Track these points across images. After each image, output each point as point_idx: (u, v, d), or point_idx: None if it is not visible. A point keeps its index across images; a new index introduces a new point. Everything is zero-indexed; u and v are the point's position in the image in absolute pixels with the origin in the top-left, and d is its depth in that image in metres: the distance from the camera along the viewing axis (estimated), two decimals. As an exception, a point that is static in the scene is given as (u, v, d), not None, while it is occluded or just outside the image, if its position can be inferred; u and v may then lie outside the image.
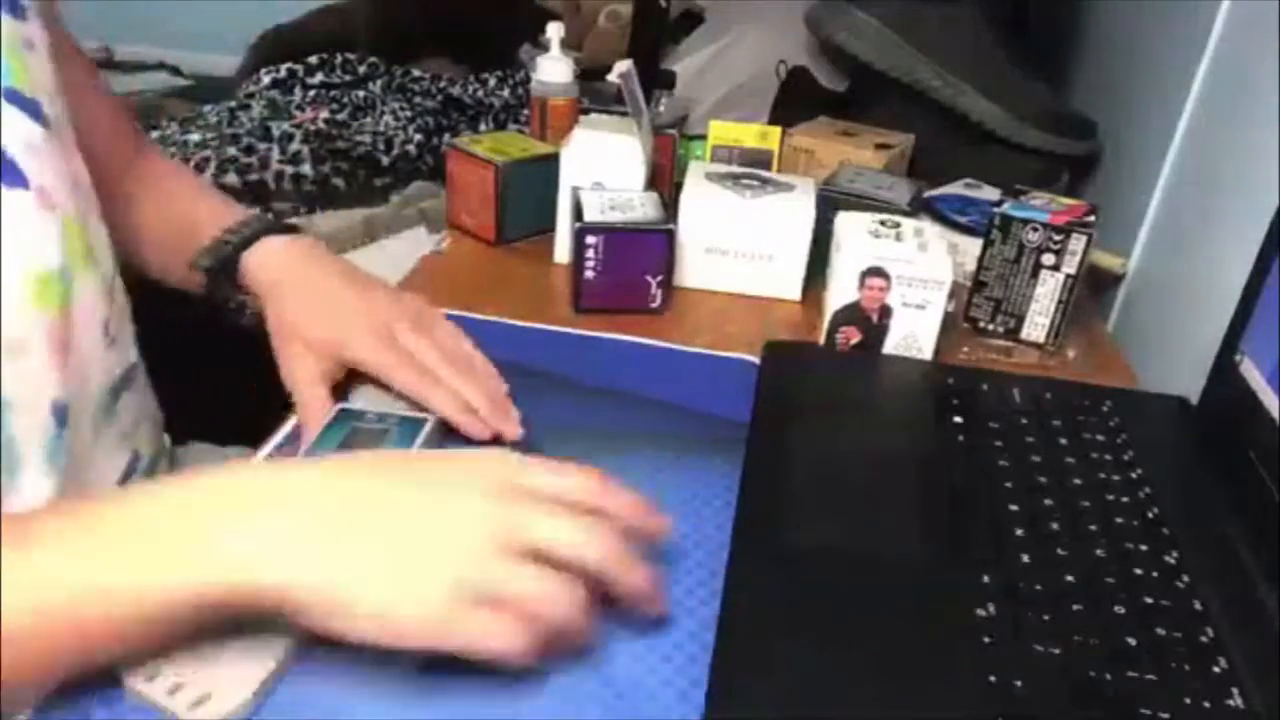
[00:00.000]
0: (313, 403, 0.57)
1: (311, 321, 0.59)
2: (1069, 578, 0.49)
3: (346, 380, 0.60)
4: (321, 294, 0.60)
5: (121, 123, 0.69)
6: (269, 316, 0.60)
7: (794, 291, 0.81)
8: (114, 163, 0.62)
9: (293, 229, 0.65)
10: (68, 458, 0.51)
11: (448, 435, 0.57)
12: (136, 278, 0.61)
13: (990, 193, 0.90)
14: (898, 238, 0.71)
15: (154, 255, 0.65)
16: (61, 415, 0.50)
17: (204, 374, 0.62)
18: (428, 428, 0.55)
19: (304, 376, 0.58)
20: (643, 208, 0.76)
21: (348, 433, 0.54)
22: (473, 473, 0.44)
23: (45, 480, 0.50)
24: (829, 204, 0.78)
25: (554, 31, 0.92)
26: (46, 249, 0.49)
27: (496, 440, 0.57)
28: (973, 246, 0.79)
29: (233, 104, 1.38)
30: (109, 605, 0.38)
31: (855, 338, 0.71)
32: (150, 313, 0.64)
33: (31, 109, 0.50)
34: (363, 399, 0.58)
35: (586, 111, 0.91)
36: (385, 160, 1.28)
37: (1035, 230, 0.73)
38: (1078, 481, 0.57)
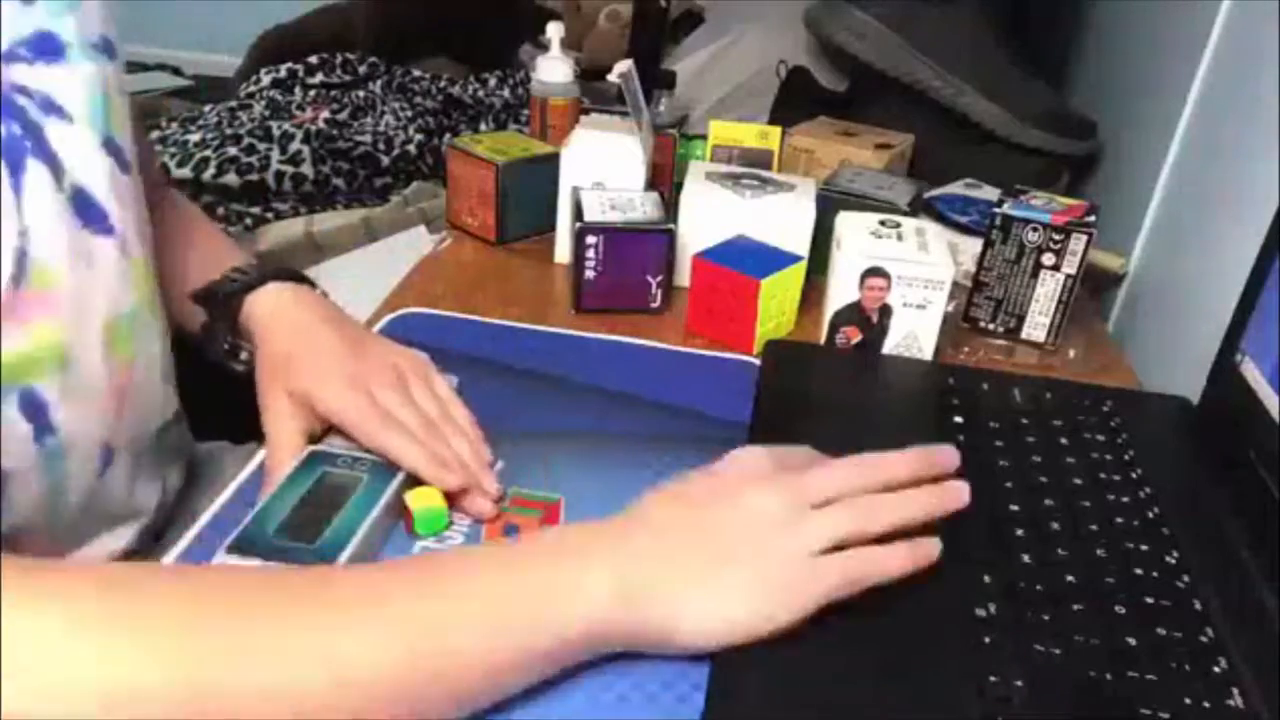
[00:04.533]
0: (284, 452, 0.55)
1: (295, 370, 0.57)
2: (1069, 578, 0.49)
3: (326, 432, 0.57)
4: (309, 344, 0.58)
5: (150, 157, 0.69)
6: (259, 359, 0.59)
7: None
8: (149, 195, 0.61)
9: (302, 279, 0.63)
10: (103, 492, 0.52)
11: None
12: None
13: (990, 193, 0.90)
14: (898, 238, 0.71)
15: (177, 302, 0.63)
16: (108, 456, 0.51)
17: (221, 371, 0.61)
18: (398, 478, 0.53)
19: (280, 425, 0.56)
20: (643, 208, 0.76)
21: (319, 477, 0.53)
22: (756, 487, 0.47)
23: (76, 514, 0.50)
24: (829, 204, 0.78)
25: (554, 31, 0.92)
26: (122, 296, 0.50)
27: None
28: (973, 246, 0.79)
29: (233, 104, 1.38)
30: (519, 642, 0.41)
31: (855, 338, 0.71)
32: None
33: (120, 156, 0.51)
34: (336, 444, 0.56)
35: (586, 111, 0.92)
36: (385, 160, 1.28)
37: (1035, 230, 0.73)
38: (1078, 481, 0.57)
